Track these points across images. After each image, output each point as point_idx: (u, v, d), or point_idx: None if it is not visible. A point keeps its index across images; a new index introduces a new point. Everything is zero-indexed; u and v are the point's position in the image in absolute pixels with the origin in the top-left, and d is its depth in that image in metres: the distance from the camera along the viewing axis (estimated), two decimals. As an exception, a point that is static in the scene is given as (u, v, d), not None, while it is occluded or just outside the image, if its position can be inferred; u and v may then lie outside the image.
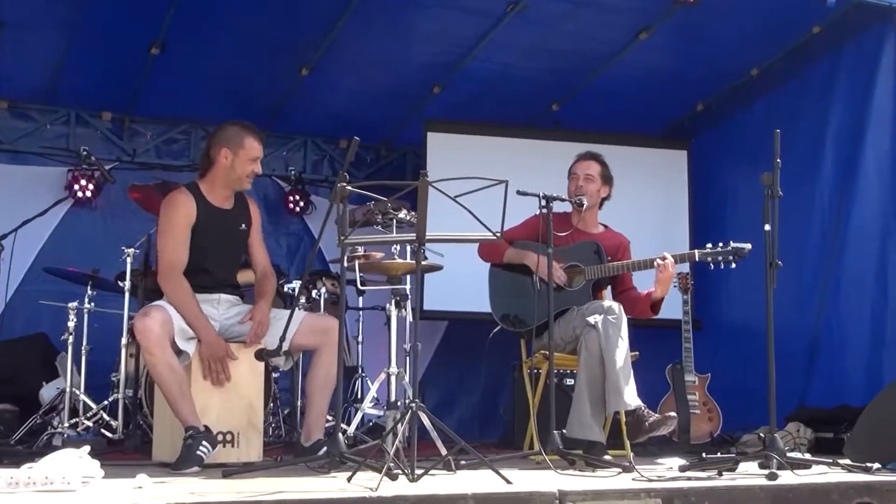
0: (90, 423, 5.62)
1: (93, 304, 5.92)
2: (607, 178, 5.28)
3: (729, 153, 7.33)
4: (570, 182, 5.25)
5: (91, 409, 5.67)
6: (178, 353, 4.29)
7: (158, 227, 4.57)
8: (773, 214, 4.09)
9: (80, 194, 7.08)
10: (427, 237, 3.87)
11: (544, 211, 4.65)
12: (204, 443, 4.08)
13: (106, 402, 5.71)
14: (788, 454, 3.94)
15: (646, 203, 7.37)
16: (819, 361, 6.24)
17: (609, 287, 5.29)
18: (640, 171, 7.29)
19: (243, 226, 4.68)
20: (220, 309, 4.57)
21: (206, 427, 4.18)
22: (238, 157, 4.54)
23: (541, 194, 4.64)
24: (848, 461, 4.10)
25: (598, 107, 7.21)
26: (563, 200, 4.88)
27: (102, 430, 5.62)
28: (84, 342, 5.83)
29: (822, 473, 3.90)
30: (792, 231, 5.50)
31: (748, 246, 4.85)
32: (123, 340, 5.71)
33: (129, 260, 5.70)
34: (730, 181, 7.31)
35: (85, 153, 5.60)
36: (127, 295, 5.73)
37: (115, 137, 7.44)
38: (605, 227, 5.37)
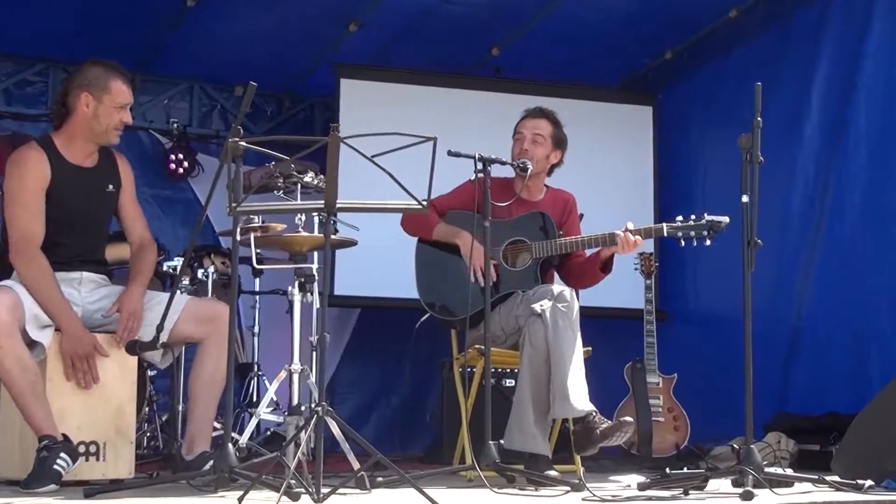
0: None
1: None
2: (560, 141, 5.26)
3: (701, 110, 7.42)
4: (515, 144, 5.22)
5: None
6: (30, 345, 4.20)
7: (6, 193, 4.47)
8: (752, 183, 4.11)
9: None
10: (338, 205, 3.84)
11: (481, 176, 4.64)
12: (62, 455, 4.02)
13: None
14: (767, 469, 3.99)
15: (603, 168, 7.43)
16: (801, 356, 6.35)
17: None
18: (596, 130, 7.34)
19: (110, 187, 4.60)
20: (83, 291, 4.49)
21: (64, 436, 4.12)
22: (102, 104, 4.45)
23: (476, 156, 4.63)
24: (836, 478, 4.18)
25: (548, 52, 7.23)
26: (503, 164, 4.87)
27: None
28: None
29: (807, 492, 3.97)
30: (771, 202, 5.57)
31: (725, 219, 4.85)
32: (-39, 330, 5.57)
33: (-31, 231, 5.57)
34: (702, 143, 7.40)
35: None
36: (-34, 274, 5.60)
37: (-47, 79, 7.31)
38: (547, 187, 5.34)
